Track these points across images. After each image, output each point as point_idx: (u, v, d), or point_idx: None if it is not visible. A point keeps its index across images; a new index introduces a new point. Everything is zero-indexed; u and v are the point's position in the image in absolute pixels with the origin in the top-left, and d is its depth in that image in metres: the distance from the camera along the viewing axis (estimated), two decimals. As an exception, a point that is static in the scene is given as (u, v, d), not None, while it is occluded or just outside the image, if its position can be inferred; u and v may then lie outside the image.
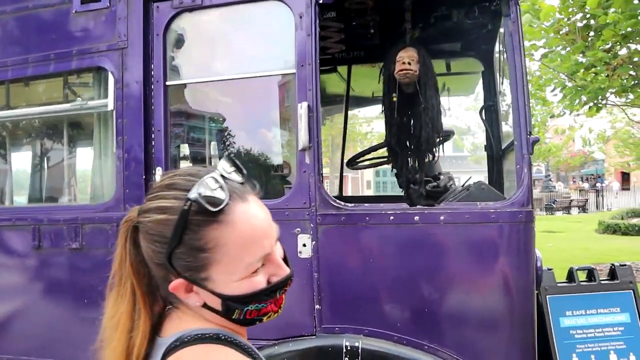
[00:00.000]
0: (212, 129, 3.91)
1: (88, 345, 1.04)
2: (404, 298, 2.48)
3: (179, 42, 2.90)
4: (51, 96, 3.47)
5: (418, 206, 2.59)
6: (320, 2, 2.56)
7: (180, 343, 0.94)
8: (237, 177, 0.98)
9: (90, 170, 3.36)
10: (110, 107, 2.86)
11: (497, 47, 3.73)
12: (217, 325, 1.00)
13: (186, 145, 3.79)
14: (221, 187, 0.93)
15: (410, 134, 3.24)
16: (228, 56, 2.99)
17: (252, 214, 0.96)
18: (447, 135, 3.22)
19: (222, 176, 0.94)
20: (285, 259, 1.05)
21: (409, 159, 3.33)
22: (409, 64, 2.95)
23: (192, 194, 0.90)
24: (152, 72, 2.79)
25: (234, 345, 0.97)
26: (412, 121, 3.21)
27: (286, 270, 1.02)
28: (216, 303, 0.96)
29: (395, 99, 3.08)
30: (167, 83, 2.78)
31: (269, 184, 3.81)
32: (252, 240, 0.95)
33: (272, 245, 0.99)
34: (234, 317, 0.98)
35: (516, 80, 2.49)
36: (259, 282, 0.97)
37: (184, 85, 3.12)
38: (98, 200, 3.08)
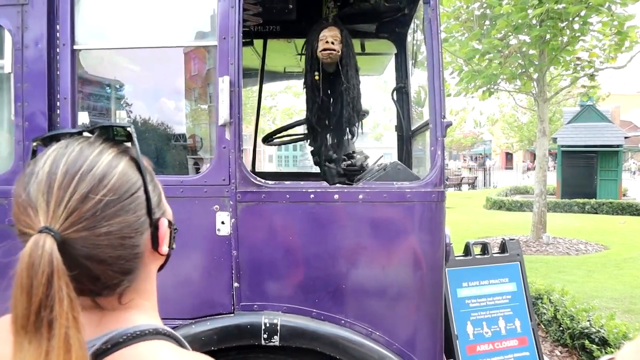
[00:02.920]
0: (122, 99, 3.69)
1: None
2: (322, 275, 2.52)
3: (90, 2, 2.67)
4: None
5: (338, 185, 2.64)
6: (245, -27, 2.48)
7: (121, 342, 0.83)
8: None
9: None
10: (8, 69, 2.59)
11: (412, 31, 3.84)
12: (155, 297, 0.96)
13: (88, 114, 3.55)
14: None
15: (331, 113, 3.27)
16: (145, 23, 2.81)
17: None
18: (363, 114, 3.29)
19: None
20: None
21: (328, 137, 3.36)
22: (332, 43, 2.96)
23: (128, 129, 0.88)
24: (58, 34, 2.56)
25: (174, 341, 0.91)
26: (332, 100, 3.24)
27: None
28: (167, 239, 0.93)
29: (317, 77, 3.08)
30: (75, 47, 2.57)
31: (178, 158, 3.69)
32: None
33: None
34: (171, 249, 0.95)
35: (433, 66, 2.57)
36: None
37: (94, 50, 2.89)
38: (-9, 171, 2.81)
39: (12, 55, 2.58)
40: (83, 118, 3.51)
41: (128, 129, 0.88)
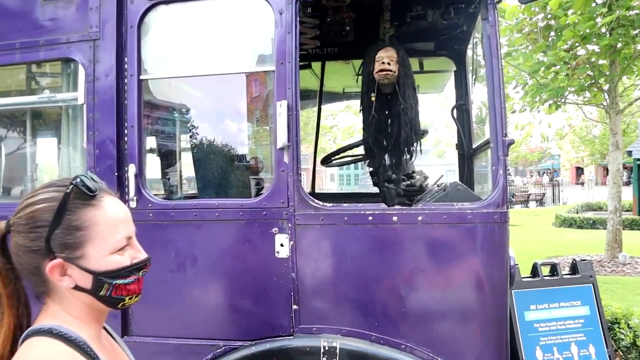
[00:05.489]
0: (185, 124, 3.83)
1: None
2: (381, 298, 2.48)
3: (155, 35, 2.81)
4: (16, 87, 3.32)
5: (397, 206, 2.60)
6: (301, -1, 2.53)
7: (24, 338, 1.13)
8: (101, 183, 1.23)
9: (56, 166, 3.25)
10: (81, 101, 2.76)
11: (470, 47, 3.78)
12: (82, 313, 1.19)
13: (157, 140, 3.71)
14: (93, 180, 1.19)
15: (388, 134, 3.25)
16: (205, 51, 2.92)
17: (117, 203, 1.24)
18: (422, 134, 3.25)
19: (91, 177, 1.20)
20: None
21: (386, 157, 3.34)
22: (389, 64, 2.95)
23: (74, 181, 1.15)
24: (126, 66, 2.70)
25: (62, 339, 1.12)
26: (390, 121, 3.22)
27: (145, 254, 1.27)
28: (87, 282, 1.16)
29: (373, 98, 3.08)
30: (142, 77, 2.70)
31: (240, 181, 3.77)
32: (118, 221, 1.20)
33: (134, 231, 1.25)
34: (101, 293, 1.17)
35: (493, 83, 2.51)
36: (124, 260, 1.20)
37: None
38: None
39: (84, 87, 2.74)
40: (151, 143, 3.67)
41: (74, 183, 1.16)
